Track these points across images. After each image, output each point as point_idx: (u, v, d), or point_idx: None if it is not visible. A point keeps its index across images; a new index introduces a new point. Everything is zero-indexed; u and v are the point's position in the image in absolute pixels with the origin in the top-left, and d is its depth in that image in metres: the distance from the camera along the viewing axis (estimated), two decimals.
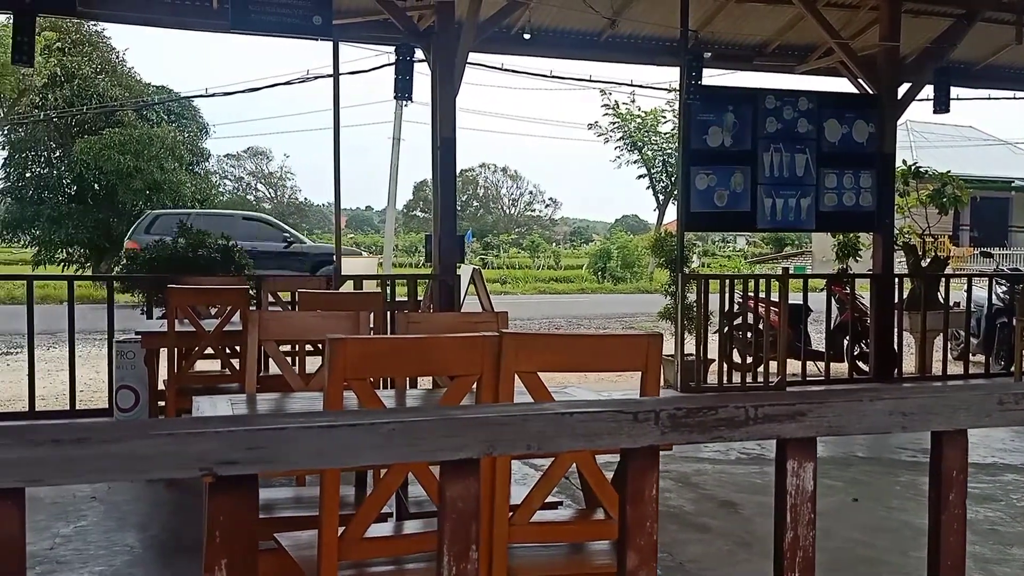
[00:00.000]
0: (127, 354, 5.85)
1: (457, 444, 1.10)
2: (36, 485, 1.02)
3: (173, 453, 1.04)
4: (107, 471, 1.03)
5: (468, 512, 1.14)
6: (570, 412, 1.15)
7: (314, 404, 2.88)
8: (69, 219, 21.48)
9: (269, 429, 1.06)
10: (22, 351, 10.32)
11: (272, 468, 1.10)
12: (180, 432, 1.04)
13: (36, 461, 1.00)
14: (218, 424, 1.05)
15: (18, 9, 5.56)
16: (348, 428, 1.09)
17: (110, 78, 22.36)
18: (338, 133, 7.05)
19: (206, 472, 1.05)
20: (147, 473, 1.05)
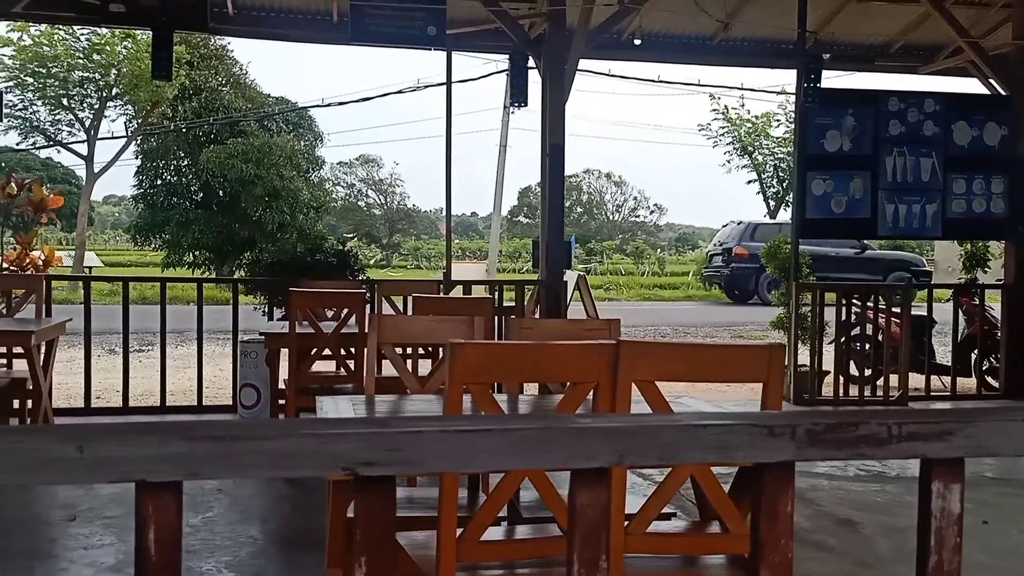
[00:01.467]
0: (250, 354, 6.13)
1: (589, 453, 1.11)
2: (193, 479, 1.08)
3: (318, 452, 1.08)
4: (257, 467, 1.09)
5: (598, 521, 1.15)
6: (702, 424, 1.13)
7: (431, 406, 2.94)
8: (195, 224, 22.65)
9: (407, 432, 1.09)
10: (152, 348, 10.95)
11: (409, 470, 1.14)
12: (325, 432, 1.08)
13: (194, 456, 1.06)
14: (359, 426, 1.09)
15: (156, 26, 5.92)
16: (482, 433, 1.11)
17: (234, 90, 23.50)
18: (450, 140, 7.18)
19: (348, 471, 1.10)
20: (293, 471, 1.10)
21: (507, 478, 2.09)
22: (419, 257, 44.39)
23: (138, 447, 1.04)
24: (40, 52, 21.69)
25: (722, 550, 2.34)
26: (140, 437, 1.04)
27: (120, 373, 6.86)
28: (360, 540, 1.13)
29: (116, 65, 22.15)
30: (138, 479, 1.06)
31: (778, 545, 1.18)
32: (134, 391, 6.96)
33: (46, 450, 1.03)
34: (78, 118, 23.51)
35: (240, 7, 7.10)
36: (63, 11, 6.88)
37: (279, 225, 22.64)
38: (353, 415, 2.71)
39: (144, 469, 1.04)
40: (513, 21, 6.88)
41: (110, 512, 4.22)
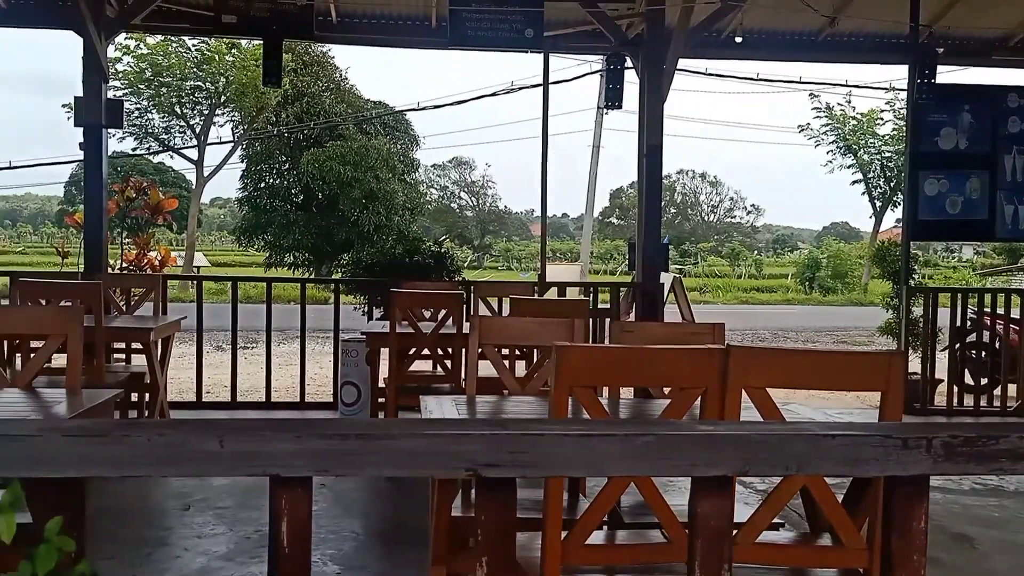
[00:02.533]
0: (351, 352, 6.27)
1: (712, 460, 1.09)
2: (322, 475, 1.12)
3: (442, 453, 1.10)
4: (383, 465, 1.11)
5: (721, 530, 1.13)
6: (831, 434, 1.10)
7: (533, 408, 2.95)
8: (296, 226, 23.42)
9: (530, 435, 1.09)
10: (255, 346, 11.37)
11: (530, 473, 1.14)
12: (449, 433, 1.10)
13: (325, 453, 1.10)
14: (483, 427, 1.11)
15: (266, 35, 6.15)
16: (604, 438, 1.10)
17: (334, 95, 24.19)
18: (546, 142, 7.20)
19: (471, 472, 1.11)
20: (418, 470, 1.12)
21: (613, 482, 2.07)
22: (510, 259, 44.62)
23: (274, 443, 1.08)
24: (155, 62, 22.86)
25: (836, 564, 2.27)
26: (276, 433, 1.09)
27: (226, 369, 7.14)
28: (482, 540, 1.15)
29: (224, 73, 23.13)
30: (273, 473, 1.10)
31: (910, 562, 1.13)
32: (240, 387, 7.22)
33: (189, 443, 1.08)
34: (189, 124, 24.67)
35: (343, 15, 7.29)
36: (178, 23, 7.22)
37: (375, 227, 23.17)
38: (457, 415, 2.75)
39: (279, 464, 1.08)
40: (610, 22, 6.84)
41: (222, 503, 4.40)
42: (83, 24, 6.14)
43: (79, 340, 2.88)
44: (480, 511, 1.15)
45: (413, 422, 1.17)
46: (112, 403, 2.84)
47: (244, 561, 3.66)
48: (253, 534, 3.99)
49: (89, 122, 6.37)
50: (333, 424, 1.12)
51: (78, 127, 6.43)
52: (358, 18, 7.39)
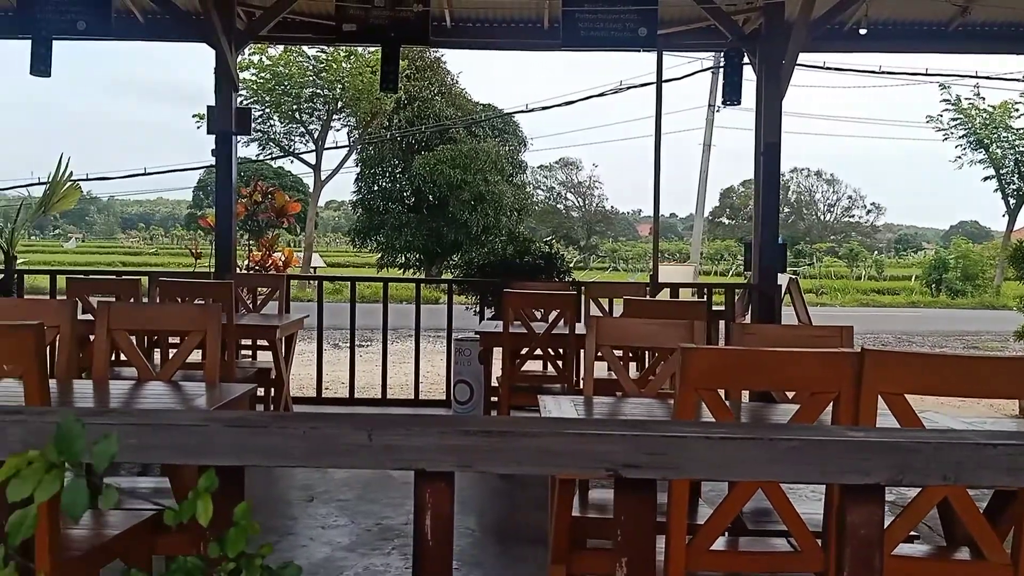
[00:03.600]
0: (464, 351, 6.38)
1: (864, 468, 1.06)
2: (465, 470, 1.14)
3: (581, 452, 1.11)
4: (524, 462, 1.13)
5: (871, 541, 1.09)
6: (992, 443, 1.05)
7: (652, 410, 2.92)
8: (407, 227, 23.98)
9: (670, 436, 1.09)
10: (369, 344, 11.70)
11: (671, 475, 1.14)
12: (589, 433, 1.11)
13: (468, 449, 1.12)
14: (622, 428, 1.11)
15: (385, 42, 6.33)
16: (748, 442, 1.08)
17: (445, 99, 24.64)
18: (659, 141, 7.12)
19: (611, 472, 1.11)
20: (558, 468, 1.13)
21: (740, 487, 2.03)
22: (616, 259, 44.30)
23: (420, 438, 1.11)
24: (277, 72, 23.91)
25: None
26: (421, 429, 1.12)
27: (342, 366, 7.37)
28: (622, 541, 1.15)
29: (341, 81, 23.95)
30: (418, 468, 1.13)
31: None
32: (356, 383, 7.45)
33: (340, 436, 1.12)
34: (308, 130, 25.65)
35: (457, 20, 7.42)
36: (302, 33, 7.52)
37: (484, 228, 23.46)
38: (576, 415, 2.75)
39: (424, 459, 1.12)
40: (727, 17, 6.70)
41: (343, 495, 4.55)
42: (215, 37, 6.47)
43: (218, 337, 3.04)
44: (620, 511, 1.15)
45: (553, 421, 1.18)
46: (247, 397, 2.98)
47: (366, 552, 3.77)
48: (373, 527, 4.11)
49: (220, 129, 6.71)
50: (476, 421, 1.15)
51: (211, 134, 6.78)
52: (471, 22, 7.50)
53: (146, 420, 1.08)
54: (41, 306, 3.46)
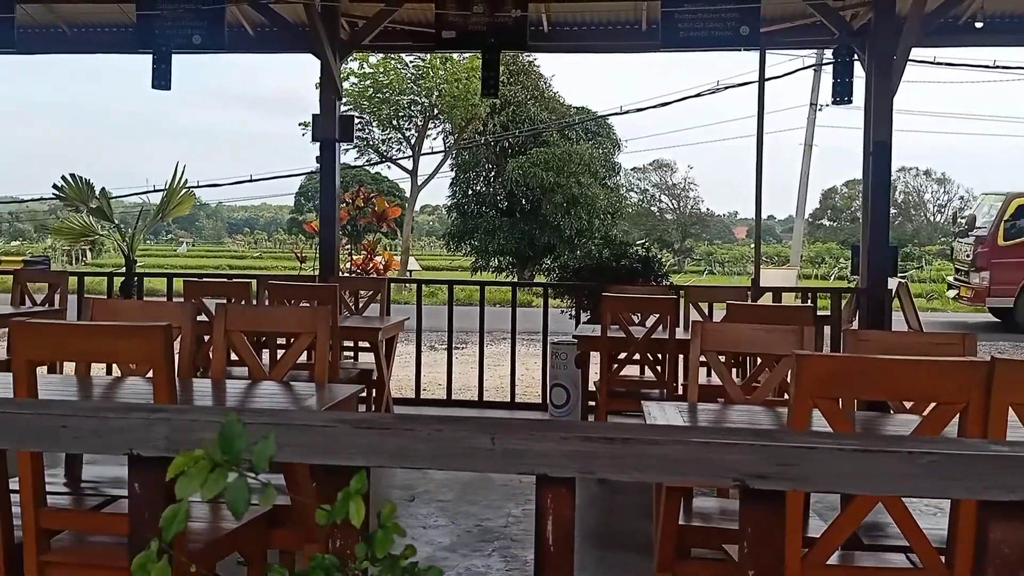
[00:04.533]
0: (560, 355, 6.37)
1: (1009, 483, 1.00)
2: (587, 476, 1.14)
3: (708, 461, 1.09)
4: (647, 470, 1.12)
5: (1016, 560, 1.04)
6: None
7: (757, 418, 2.85)
8: (500, 231, 24.15)
9: (800, 447, 1.06)
10: (465, 346, 11.83)
11: (799, 486, 1.10)
12: (715, 442, 1.09)
13: (590, 455, 1.12)
14: (751, 437, 1.08)
15: (485, 47, 6.40)
16: (882, 454, 1.05)
17: (538, 103, 24.72)
18: (761, 141, 6.95)
19: (739, 482, 1.09)
20: (682, 476, 1.12)
21: (860, 500, 1.96)
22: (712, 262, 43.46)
23: (542, 443, 1.11)
24: (376, 80, 24.52)
25: None
26: (543, 434, 1.12)
27: (438, 367, 7.47)
28: (748, 554, 1.12)
29: (437, 87, 24.35)
30: (540, 472, 1.13)
31: None
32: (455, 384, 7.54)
33: (464, 440, 1.14)
34: (405, 136, 26.18)
35: (554, 24, 7.44)
36: (402, 41, 7.69)
37: (577, 231, 23.41)
38: (682, 422, 2.71)
39: (546, 463, 1.12)
40: (834, 13, 6.49)
41: (443, 496, 4.61)
42: (321, 47, 6.68)
43: (328, 339, 3.13)
44: (745, 523, 1.12)
45: (677, 429, 1.16)
46: (355, 397, 3.06)
47: (467, 554, 3.81)
48: (473, 528, 4.15)
49: (324, 137, 6.92)
50: (598, 427, 1.14)
51: (315, 142, 7.00)
52: (568, 26, 7.51)
53: (282, 420, 1.12)
54: (164, 308, 3.64)
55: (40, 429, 1.15)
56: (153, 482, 1.19)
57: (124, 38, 7.47)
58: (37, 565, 2.25)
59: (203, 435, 1.17)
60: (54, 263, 27.12)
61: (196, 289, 5.45)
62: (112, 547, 2.37)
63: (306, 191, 44.19)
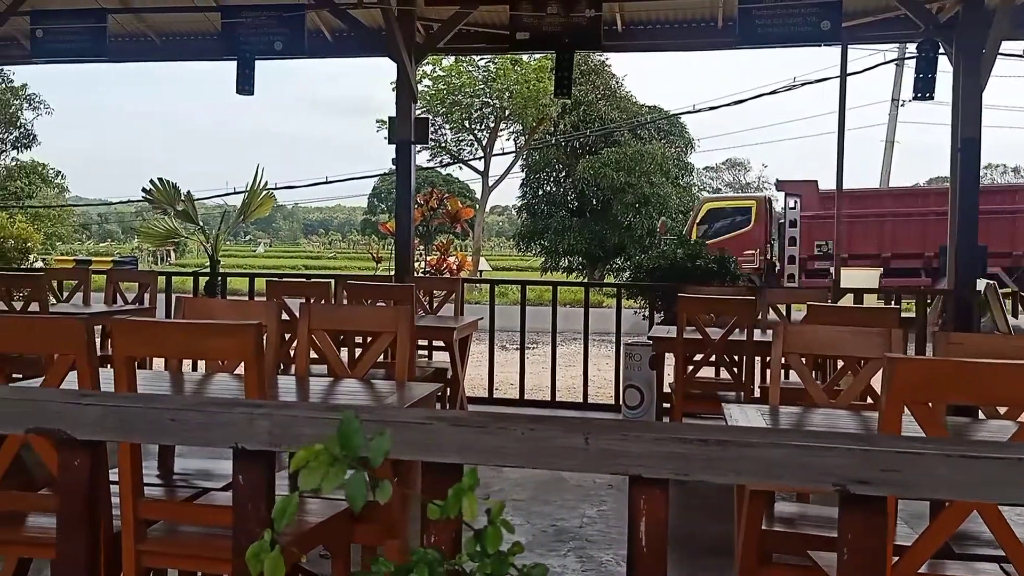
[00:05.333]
0: (634, 356, 6.32)
1: None
2: (682, 478, 1.13)
3: (806, 465, 1.07)
4: (744, 472, 1.11)
5: None
6: None
7: (846, 423, 2.78)
8: (570, 231, 24.12)
9: (906, 452, 1.03)
10: (536, 346, 11.85)
11: (903, 493, 1.08)
12: (815, 445, 1.07)
13: (685, 457, 1.11)
14: (852, 441, 1.06)
15: (559, 48, 6.41)
16: (992, 461, 1.01)
17: (609, 103, 24.61)
18: (842, 137, 6.78)
19: (838, 487, 1.07)
20: (778, 480, 1.10)
21: (955, 508, 1.90)
22: None
23: (637, 444, 1.11)
24: (448, 82, 24.78)
25: None
26: (639, 434, 1.12)
27: (510, 367, 7.50)
28: (848, 561, 1.10)
29: (508, 88, 24.47)
30: (634, 473, 1.13)
31: None
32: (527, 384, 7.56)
33: (556, 439, 1.14)
34: (476, 138, 26.39)
35: (628, 23, 7.39)
36: (476, 43, 7.75)
37: (648, 231, 23.21)
38: (764, 424, 2.67)
39: (640, 464, 1.12)
40: (919, 6, 6.29)
41: (517, 495, 4.63)
42: (397, 50, 6.78)
43: (408, 338, 3.18)
44: (845, 530, 1.10)
45: (774, 432, 1.15)
46: (434, 396, 3.10)
47: (543, 554, 3.82)
48: (548, 528, 4.16)
49: (400, 139, 7.02)
50: (693, 429, 1.14)
51: (391, 144, 7.11)
52: (643, 25, 7.45)
53: (381, 417, 1.15)
54: (250, 307, 3.76)
55: (151, 422, 1.20)
56: (256, 475, 1.23)
57: (209, 46, 7.72)
58: (135, 554, 2.35)
59: (303, 431, 1.20)
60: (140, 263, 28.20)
61: (278, 289, 5.60)
62: (205, 537, 2.46)
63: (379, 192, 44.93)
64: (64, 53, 7.27)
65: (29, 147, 29.36)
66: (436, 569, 0.83)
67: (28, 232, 14.96)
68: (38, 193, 30.81)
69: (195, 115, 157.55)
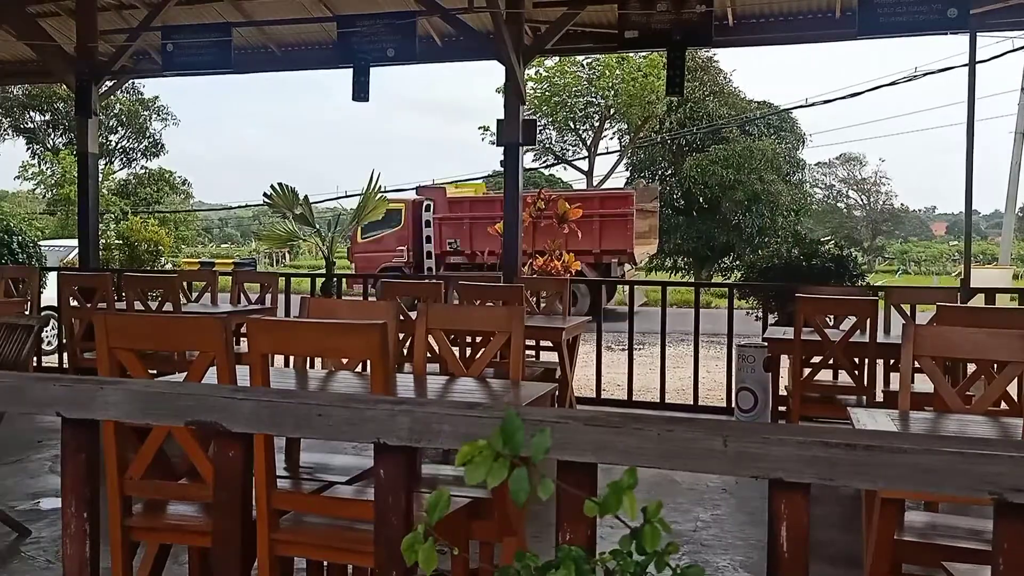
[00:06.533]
0: (748, 358, 6.18)
1: None
2: (825, 483, 1.10)
3: (961, 472, 1.03)
4: (893, 479, 1.07)
5: None
6: None
7: (983, 429, 2.65)
8: (676, 230, 23.75)
9: None
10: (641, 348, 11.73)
11: None
12: (972, 452, 1.03)
13: (829, 461, 1.08)
14: (1012, 448, 1.02)
15: (670, 45, 6.33)
16: None
17: (717, 99, 24.11)
18: (972, 131, 6.42)
19: (995, 496, 1.02)
20: (935, 487, 1.06)
21: None
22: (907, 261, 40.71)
23: (778, 447, 1.09)
24: (552, 82, 24.85)
25: None
26: (779, 438, 1.10)
27: (616, 367, 7.44)
28: (1003, 572, 1.05)
29: (613, 87, 24.33)
30: (774, 477, 1.12)
31: None
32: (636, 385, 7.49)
33: (694, 440, 1.14)
34: (581, 138, 26.35)
35: (740, 17, 7.23)
36: (583, 43, 7.74)
37: (759, 229, 22.61)
38: (895, 429, 2.57)
39: (782, 468, 1.10)
40: None
41: None
42: (505, 53, 6.85)
43: (522, 338, 3.21)
44: (1001, 540, 1.05)
45: (925, 437, 1.11)
46: (550, 396, 3.12)
47: None
48: None
49: (508, 141, 7.09)
50: (838, 433, 1.11)
51: (499, 146, 7.19)
52: (755, 18, 7.27)
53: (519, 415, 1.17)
54: (372, 307, 3.87)
55: (300, 417, 1.26)
56: (397, 469, 1.27)
57: (326, 55, 8.00)
58: (269, 542, 2.46)
59: (442, 427, 1.24)
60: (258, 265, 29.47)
61: (392, 289, 5.75)
62: (332, 529, 2.55)
63: None
64: (193, 66, 7.68)
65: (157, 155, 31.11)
66: (582, 566, 0.84)
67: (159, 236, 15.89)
68: (165, 199, 32.61)
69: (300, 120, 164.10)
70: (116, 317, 2.49)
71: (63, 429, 1.39)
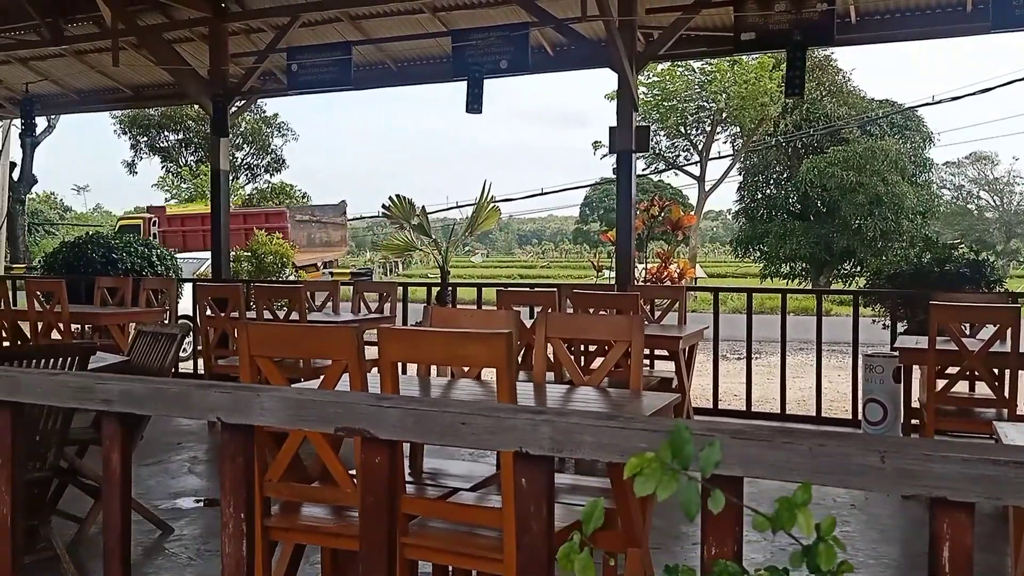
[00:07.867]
0: (875, 368, 5.92)
1: None
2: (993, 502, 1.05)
3: None
4: None
5: None
6: None
7: None
8: (792, 235, 23.00)
9: None
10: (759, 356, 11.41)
11: None
12: None
13: (997, 480, 1.03)
14: None
15: (789, 46, 6.16)
16: None
17: (835, 99, 23.26)
18: None
19: None
20: None
21: None
22: None
23: (941, 464, 1.05)
24: (663, 87, 24.58)
25: None
26: (942, 454, 1.05)
27: (732, 377, 7.26)
28: None
29: (725, 90, 23.85)
30: (938, 496, 1.07)
31: None
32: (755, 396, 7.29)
33: (849, 456, 1.10)
34: (692, 142, 25.94)
35: (863, 13, 6.97)
36: (697, 47, 7.63)
37: (881, 232, 21.65)
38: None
39: (947, 486, 1.05)
40: None
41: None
42: (619, 61, 6.82)
43: (642, 348, 3.19)
44: None
45: None
46: (672, 406, 3.08)
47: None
48: (787, 546, 3.96)
49: (621, 148, 7.06)
50: (1005, 450, 1.06)
51: (612, 153, 7.16)
52: (879, 15, 6.99)
53: (656, 427, 1.16)
54: (492, 315, 3.93)
55: (445, 425, 1.30)
56: (538, 478, 1.29)
57: (441, 69, 8.19)
58: (399, 546, 2.53)
59: (584, 438, 1.25)
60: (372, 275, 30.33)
61: (508, 298, 5.81)
62: (457, 534, 2.60)
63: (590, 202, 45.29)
64: (316, 84, 8.00)
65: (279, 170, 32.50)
66: None
67: (285, 248, 16.60)
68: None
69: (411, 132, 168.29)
70: (257, 327, 2.62)
71: (223, 433, 1.47)
